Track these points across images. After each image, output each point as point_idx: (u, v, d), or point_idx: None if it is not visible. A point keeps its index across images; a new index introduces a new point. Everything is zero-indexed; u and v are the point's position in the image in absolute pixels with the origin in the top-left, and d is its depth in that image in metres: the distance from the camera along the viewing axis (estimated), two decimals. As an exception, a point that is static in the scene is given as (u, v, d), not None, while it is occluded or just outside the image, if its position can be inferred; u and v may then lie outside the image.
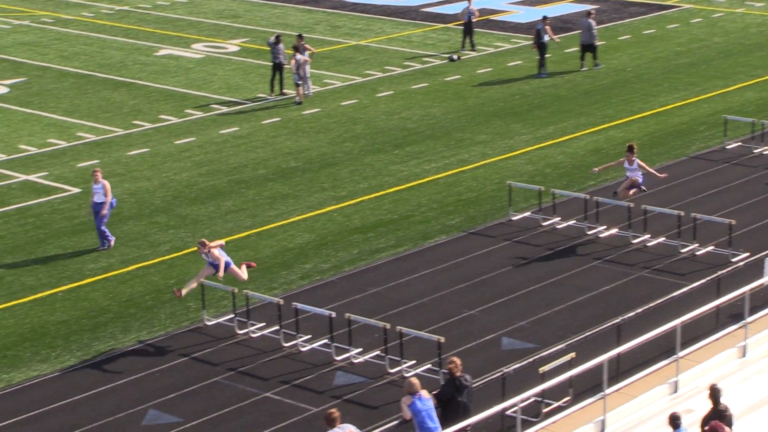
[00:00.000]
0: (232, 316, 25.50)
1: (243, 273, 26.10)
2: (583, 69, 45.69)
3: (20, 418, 22.07)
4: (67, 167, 35.62)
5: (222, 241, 26.47)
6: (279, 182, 34.50)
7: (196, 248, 26.42)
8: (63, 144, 37.87)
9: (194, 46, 50.42)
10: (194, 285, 25.66)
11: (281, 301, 24.98)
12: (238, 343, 24.83)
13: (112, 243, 29.77)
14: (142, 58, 48.30)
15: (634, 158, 29.97)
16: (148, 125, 39.78)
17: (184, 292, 25.63)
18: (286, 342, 24.56)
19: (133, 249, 29.80)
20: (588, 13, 46.62)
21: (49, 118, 40.47)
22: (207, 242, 25.59)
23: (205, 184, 34.39)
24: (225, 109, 41.54)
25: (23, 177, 34.82)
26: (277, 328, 24.80)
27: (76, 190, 33.78)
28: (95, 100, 42.60)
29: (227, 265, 25.51)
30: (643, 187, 30.37)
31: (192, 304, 26.39)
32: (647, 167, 30.40)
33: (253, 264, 26.86)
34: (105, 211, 29.36)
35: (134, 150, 37.27)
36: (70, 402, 22.61)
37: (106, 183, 29.52)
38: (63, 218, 31.77)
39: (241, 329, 25.19)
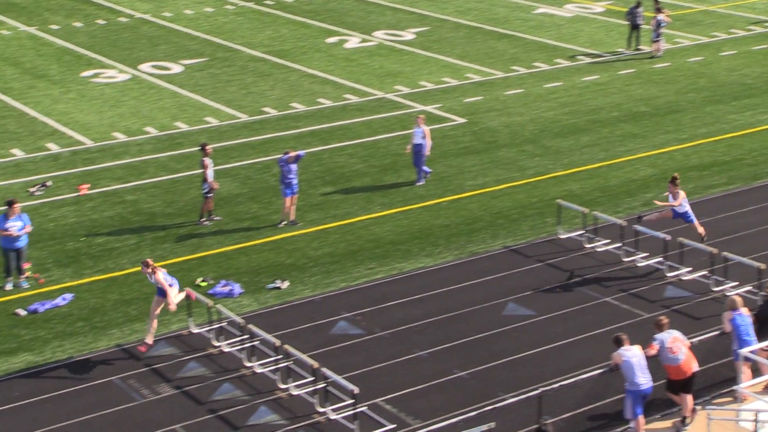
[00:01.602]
0: (582, 232, 25.23)
1: (176, 298, 20.69)
2: None
3: (407, 299, 22.69)
4: (456, 101, 36.07)
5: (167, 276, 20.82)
6: (629, 123, 33.73)
7: (453, 196, 25.54)
8: (454, 82, 38.34)
9: (566, 6, 49.67)
10: (154, 326, 20.71)
11: (624, 223, 24.49)
12: (585, 255, 24.57)
13: (428, 176, 29.11)
14: (522, 15, 48.09)
15: (677, 190, 24.18)
16: (523, 70, 39.67)
17: (149, 339, 20.66)
18: (626, 257, 24.10)
19: (504, 171, 29.92)
20: None
21: (444, 61, 41.04)
22: (151, 262, 20.67)
23: (567, 121, 34.05)
24: (588, 60, 40.85)
25: (420, 107, 35.53)
26: (619, 245, 24.36)
27: (461, 120, 34.20)
28: (482, 48, 42.83)
29: (170, 288, 20.54)
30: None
31: (549, 219, 26.28)
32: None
33: (193, 296, 21.22)
34: (427, 152, 28.80)
35: (511, 90, 37.29)
36: (445, 291, 23.04)
37: (426, 128, 28.86)
38: (450, 142, 32.26)
39: (588, 244, 24.90)
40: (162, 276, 20.45)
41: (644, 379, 17.51)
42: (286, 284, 23.42)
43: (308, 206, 27.60)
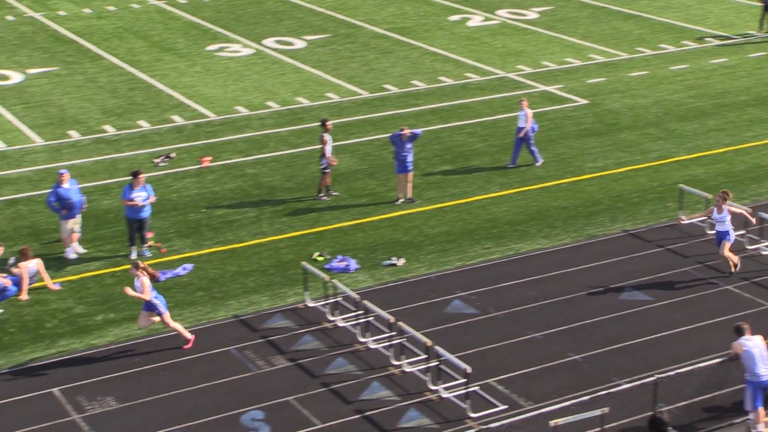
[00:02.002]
0: (704, 218, 24.69)
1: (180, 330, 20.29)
2: None
3: (523, 280, 22.54)
4: (579, 82, 35.61)
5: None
6: (758, 108, 32.85)
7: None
8: (577, 63, 37.85)
9: (695, -14, 48.65)
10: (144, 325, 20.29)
11: (750, 210, 23.85)
12: (707, 241, 24.05)
13: (539, 161, 28.67)
14: (649, -5, 47.27)
15: (724, 206, 22.24)
16: (648, 52, 38.94)
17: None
18: (750, 245, 23.51)
19: (625, 154, 29.44)
20: None
21: (567, 41, 40.53)
22: (141, 265, 19.82)
23: (692, 104, 33.33)
24: (717, 42, 39.89)
25: (542, 87, 35.18)
26: (743, 232, 23.76)
27: (583, 101, 33.76)
28: (607, 28, 42.17)
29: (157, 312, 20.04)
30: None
31: (670, 204, 25.80)
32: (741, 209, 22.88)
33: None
34: (521, 135, 28.33)
35: (635, 72, 36.65)
36: (561, 273, 22.80)
37: (529, 111, 28.39)
38: (571, 123, 31.90)
39: (711, 230, 24.32)
40: (147, 283, 19.68)
41: (765, 371, 17.08)
42: (401, 261, 23.47)
43: (426, 184, 27.60)
